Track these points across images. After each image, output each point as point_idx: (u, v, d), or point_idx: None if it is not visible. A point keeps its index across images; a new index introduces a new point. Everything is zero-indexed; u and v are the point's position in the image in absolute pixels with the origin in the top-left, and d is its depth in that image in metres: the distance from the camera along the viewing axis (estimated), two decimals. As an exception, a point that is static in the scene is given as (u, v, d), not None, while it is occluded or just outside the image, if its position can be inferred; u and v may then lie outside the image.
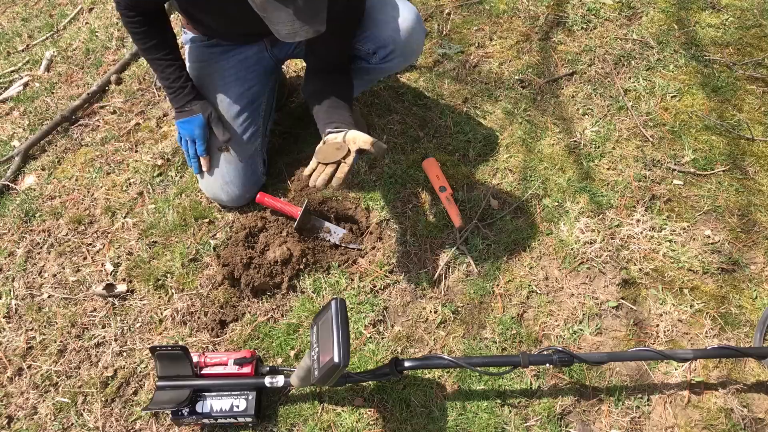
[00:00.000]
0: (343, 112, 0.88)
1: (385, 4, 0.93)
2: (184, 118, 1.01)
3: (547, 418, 0.82)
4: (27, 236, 1.11)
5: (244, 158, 1.04)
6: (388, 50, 0.93)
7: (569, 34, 1.37)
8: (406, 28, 0.92)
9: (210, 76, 1.03)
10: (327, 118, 0.87)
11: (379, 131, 1.18)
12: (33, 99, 1.38)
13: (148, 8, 0.92)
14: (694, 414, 0.82)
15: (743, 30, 1.34)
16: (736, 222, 1.02)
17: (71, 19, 1.59)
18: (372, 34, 0.92)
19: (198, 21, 0.98)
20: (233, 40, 1.02)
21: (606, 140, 1.15)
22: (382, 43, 0.92)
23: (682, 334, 0.89)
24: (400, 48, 0.93)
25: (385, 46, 0.93)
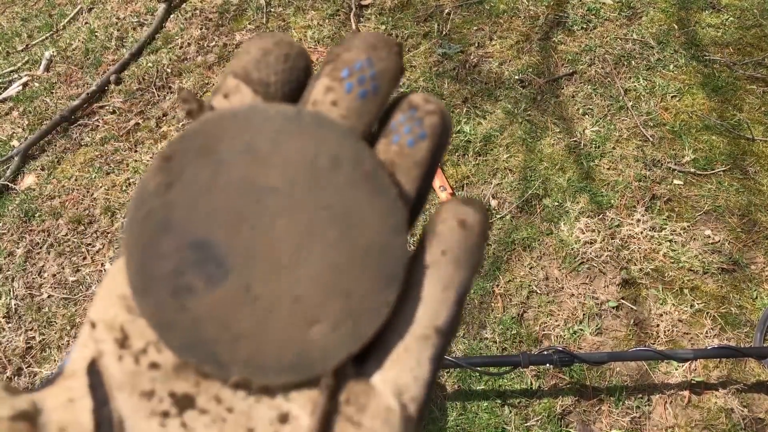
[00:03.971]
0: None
1: None
2: None
3: (548, 418, 0.82)
4: (26, 236, 1.11)
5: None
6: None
7: (569, 34, 1.37)
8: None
9: None
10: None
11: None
12: (32, 99, 1.38)
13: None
14: (694, 414, 0.82)
15: (743, 30, 1.34)
16: (736, 222, 1.01)
17: (71, 19, 1.59)
18: None
19: None
20: None
21: (606, 140, 1.15)
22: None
23: (683, 334, 0.89)
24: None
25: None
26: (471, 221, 0.18)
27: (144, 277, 0.17)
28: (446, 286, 0.18)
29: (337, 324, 0.17)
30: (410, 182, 0.19)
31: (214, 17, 1.43)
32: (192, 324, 0.17)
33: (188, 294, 0.17)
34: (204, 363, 0.17)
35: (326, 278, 0.18)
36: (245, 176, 0.17)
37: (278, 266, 0.17)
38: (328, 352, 0.17)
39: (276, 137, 0.18)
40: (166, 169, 0.17)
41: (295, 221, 0.17)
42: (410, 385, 0.18)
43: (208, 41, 1.39)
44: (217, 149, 0.18)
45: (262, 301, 0.17)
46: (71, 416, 0.16)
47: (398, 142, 0.19)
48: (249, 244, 0.17)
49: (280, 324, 0.17)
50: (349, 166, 0.18)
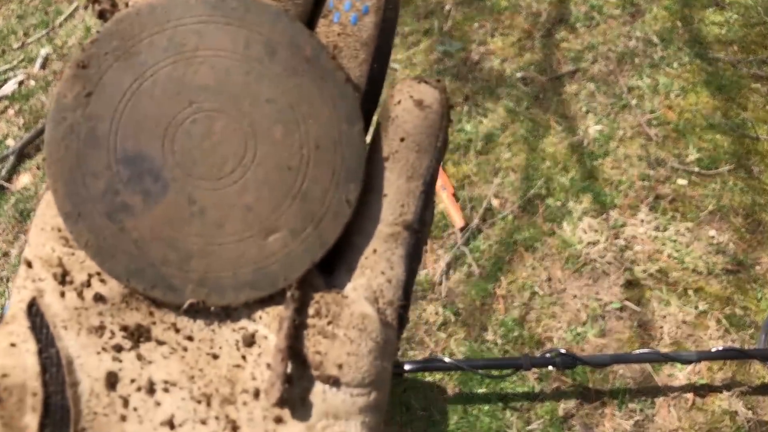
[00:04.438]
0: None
1: None
2: None
3: (550, 422, 0.81)
4: (22, 236, 1.09)
5: None
6: None
7: (572, 31, 1.35)
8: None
9: None
10: None
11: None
12: (28, 97, 1.36)
13: None
14: (698, 417, 0.81)
15: (747, 27, 1.33)
16: (740, 222, 1.00)
17: (67, 17, 1.58)
18: None
19: None
20: None
21: (609, 139, 1.14)
22: None
23: (687, 336, 0.88)
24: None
25: None
26: (429, 100, 0.16)
27: (74, 201, 0.15)
28: (410, 176, 0.16)
29: (296, 230, 0.16)
30: (359, 66, 0.16)
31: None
32: (134, 247, 0.15)
33: (126, 214, 0.15)
34: (153, 289, 0.15)
35: (277, 181, 0.15)
36: (172, 76, 0.15)
37: (222, 173, 0.15)
38: (289, 263, 0.15)
39: (201, 29, 0.16)
40: (83, 77, 0.15)
41: (234, 121, 0.15)
42: (385, 289, 0.16)
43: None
44: (137, 50, 0.15)
45: (210, 213, 0.15)
46: (14, 361, 0.15)
47: (339, 21, 0.16)
48: (186, 152, 0.15)
49: (233, 237, 0.15)
50: (286, 52, 0.16)
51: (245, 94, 0.15)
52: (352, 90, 0.16)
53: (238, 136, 0.15)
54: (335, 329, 0.15)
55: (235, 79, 0.15)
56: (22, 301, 0.16)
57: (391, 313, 0.16)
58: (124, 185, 0.15)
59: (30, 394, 0.14)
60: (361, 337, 0.16)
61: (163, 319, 0.16)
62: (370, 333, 0.16)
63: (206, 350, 0.15)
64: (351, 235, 0.16)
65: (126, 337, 0.15)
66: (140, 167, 0.15)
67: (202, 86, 0.15)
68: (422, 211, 0.16)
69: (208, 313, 0.15)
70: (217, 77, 0.15)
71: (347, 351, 0.15)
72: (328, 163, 0.16)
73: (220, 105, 0.15)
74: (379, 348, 0.16)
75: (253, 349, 0.15)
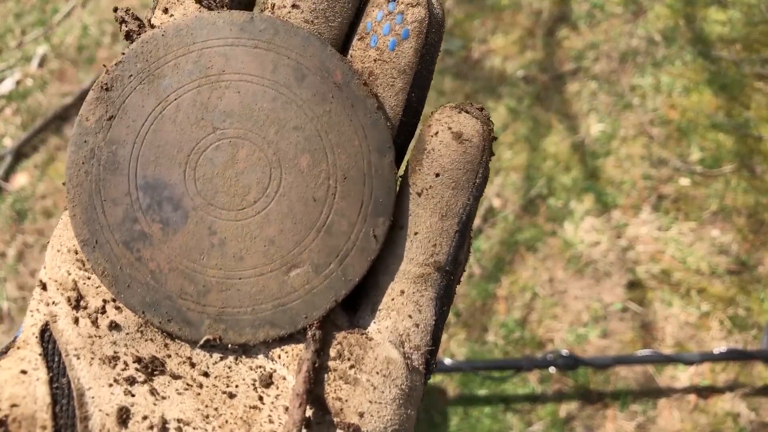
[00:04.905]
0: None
1: None
2: None
3: (551, 423, 0.80)
4: (19, 236, 1.09)
5: None
6: None
7: (574, 30, 1.34)
8: None
9: None
10: None
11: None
12: (25, 96, 1.35)
13: None
14: (700, 418, 0.80)
15: (750, 26, 1.32)
16: (744, 222, 1.00)
17: (64, 15, 1.57)
18: None
19: None
20: None
21: (612, 138, 1.13)
22: None
23: (689, 337, 0.88)
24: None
25: None
26: (469, 132, 0.15)
27: (92, 228, 0.15)
28: (445, 215, 0.15)
29: (320, 266, 0.15)
30: (395, 95, 0.15)
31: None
32: (151, 278, 0.15)
33: (143, 243, 0.15)
34: (169, 323, 0.15)
35: (301, 213, 0.15)
36: (196, 101, 0.15)
37: (245, 203, 0.15)
38: (311, 301, 0.15)
39: (227, 51, 0.15)
40: (106, 100, 0.15)
41: (258, 149, 0.15)
42: (412, 334, 0.15)
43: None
44: (161, 72, 0.15)
45: (230, 245, 0.15)
46: (24, 390, 0.14)
47: (376, 46, 0.15)
48: (208, 180, 0.15)
49: (253, 271, 0.15)
50: (315, 77, 0.15)
51: (271, 121, 0.15)
52: (384, 119, 0.15)
53: (263, 164, 0.15)
54: (358, 374, 0.15)
55: (261, 105, 0.15)
56: (34, 325, 0.15)
57: (418, 358, 0.15)
58: (143, 213, 0.15)
59: (39, 427, 0.14)
60: (385, 384, 0.15)
61: (179, 352, 0.15)
62: (395, 379, 0.15)
63: (222, 388, 0.15)
64: (377, 272, 0.15)
65: (139, 370, 0.15)
66: (160, 195, 0.15)
67: (226, 112, 0.15)
68: (456, 251, 0.15)
69: (224, 349, 0.15)
70: (243, 103, 0.15)
71: (370, 398, 0.15)
72: (356, 195, 0.15)
73: (245, 132, 0.15)
74: (404, 395, 0.15)
75: (271, 390, 0.15)
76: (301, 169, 0.15)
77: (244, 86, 0.15)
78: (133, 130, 0.15)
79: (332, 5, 0.15)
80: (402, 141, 0.16)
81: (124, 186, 0.15)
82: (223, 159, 0.15)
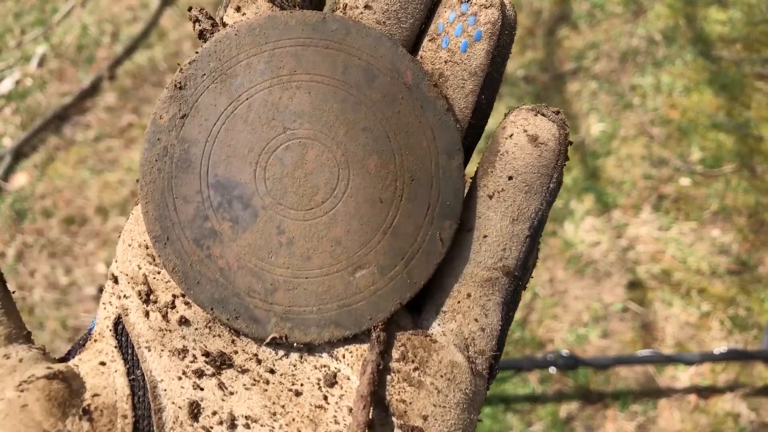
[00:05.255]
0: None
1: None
2: None
3: (552, 424, 0.80)
4: (18, 236, 1.09)
5: None
6: None
7: (574, 29, 1.34)
8: None
9: None
10: None
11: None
12: (25, 96, 1.35)
13: None
14: (701, 419, 0.80)
15: (751, 26, 1.32)
16: (744, 222, 1.00)
17: (64, 15, 1.56)
18: None
19: None
20: None
21: (612, 138, 1.13)
22: None
23: (690, 337, 0.88)
24: None
25: None
26: (545, 135, 0.15)
27: (164, 225, 0.15)
28: (516, 219, 0.15)
29: (385, 268, 0.15)
30: (465, 97, 0.15)
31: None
32: (220, 275, 0.15)
33: (213, 241, 0.15)
34: (237, 320, 0.15)
35: (368, 214, 0.15)
36: (267, 101, 0.15)
37: (313, 204, 0.15)
38: (376, 302, 0.15)
39: (299, 51, 0.15)
40: (179, 98, 0.15)
41: (327, 150, 0.15)
42: (477, 338, 0.15)
43: (204, 36, 1.36)
44: (234, 72, 0.15)
45: (298, 244, 0.15)
46: (104, 381, 0.15)
47: (448, 47, 0.15)
48: (278, 180, 0.15)
49: (319, 271, 0.15)
50: (385, 78, 0.15)
51: (341, 122, 0.15)
52: (453, 120, 0.15)
53: (331, 165, 0.15)
54: (422, 376, 0.15)
55: (331, 106, 0.15)
56: (108, 318, 0.16)
57: (482, 362, 0.15)
58: (214, 211, 0.15)
59: (120, 416, 0.14)
60: (449, 388, 0.15)
61: (245, 349, 0.15)
62: (459, 383, 0.15)
63: (288, 386, 0.15)
64: (443, 275, 0.15)
65: (208, 363, 0.15)
66: (231, 193, 0.15)
67: (297, 112, 0.15)
68: (526, 256, 0.15)
69: (290, 347, 0.15)
70: (313, 103, 0.15)
71: (434, 402, 0.14)
72: (423, 197, 0.15)
73: (315, 132, 0.15)
74: (468, 400, 0.15)
75: (335, 390, 0.15)
76: (369, 170, 0.15)
77: (314, 87, 0.15)
78: (205, 129, 0.15)
79: (404, 6, 0.15)
80: (470, 143, 0.16)
81: (195, 184, 0.15)
82: (293, 159, 0.15)
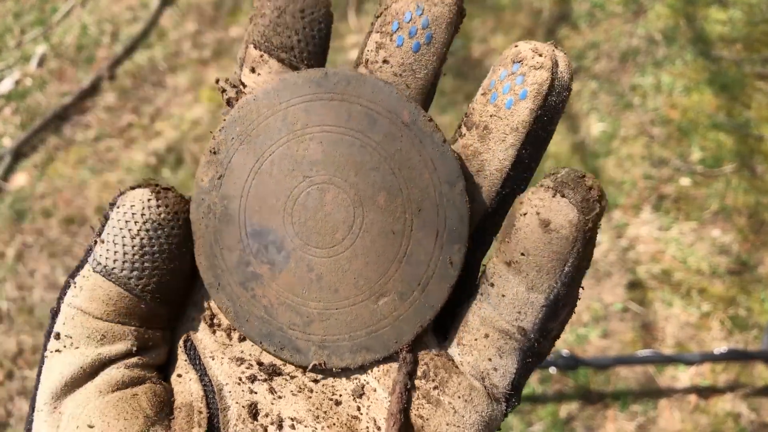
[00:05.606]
0: None
1: None
2: None
3: (552, 424, 0.80)
4: (18, 236, 1.08)
5: None
6: None
7: (574, 29, 1.34)
8: None
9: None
10: None
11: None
12: (24, 96, 1.35)
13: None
14: (701, 419, 0.80)
15: (751, 26, 1.31)
16: (744, 222, 0.99)
17: (64, 15, 1.56)
18: None
19: None
20: None
21: (612, 138, 1.13)
22: None
23: (690, 337, 0.88)
24: None
25: None
26: (559, 222, 0.15)
27: (215, 273, 0.17)
28: (531, 288, 0.15)
29: (404, 294, 0.17)
30: (504, 150, 0.16)
31: (209, 11, 1.40)
32: (265, 312, 0.17)
33: (256, 283, 0.17)
34: (282, 350, 0.17)
35: (383, 246, 0.17)
36: (286, 154, 0.17)
37: (335, 241, 0.17)
38: (399, 326, 0.17)
39: (308, 107, 0.17)
40: (215, 162, 0.17)
41: (342, 191, 0.17)
42: (491, 375, 0.16)
43: (203, 36, 1.36)
44: (256, 133, 0.17)
45: (326, 279, 0.17)
46: (183, 387, 0.17)
47: (495, 102, 0.16)
48: (303, 223, 0.17)
49: (347, 301, 0.17)
50: (385, 119, 0.17)
51: (350, 165, 0.17)
52: (450, 151, 0.16)
53: (347, 204, 0.17)
54: (441, 395, 0.16)
55: (341, 151, 0.17)
56: (182, 334, 0.18)
57: (499, 393, 0.16)
58: (254, 256, 0.17)
59: (197, 412, 0.16)
60: (465, 409, 0.15)
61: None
62: (476, 406, 0.16)
63: (329, 395, 0.17)
64: (469, 310, 0.16)
65: (261, 371, 0.17)
66: (266, 239, 0.17)
67: (312, 161, 0.17)
68: (543, 323, 0.15)
69: (330, 372, 0.17)
70: (325, 151, 0.17)
71: (448, 421, 0.15)
72: (431, 225, 0.16)
73: (329, 177, 0.17)
74: (483, 422, 0.16)
75: (364, 401, 0.16)
76: (380, 205, 0.17)
77: (325, 136, 0.17)
78: (239, 186, 0.17)
79: (418, 59, 0.17)
80: (508, 192, 0.17)
81: (236, 234, 0.17)
82: (314, 203, 0.17)
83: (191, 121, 1.23)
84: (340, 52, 1.31)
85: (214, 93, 1.27)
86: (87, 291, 0.17)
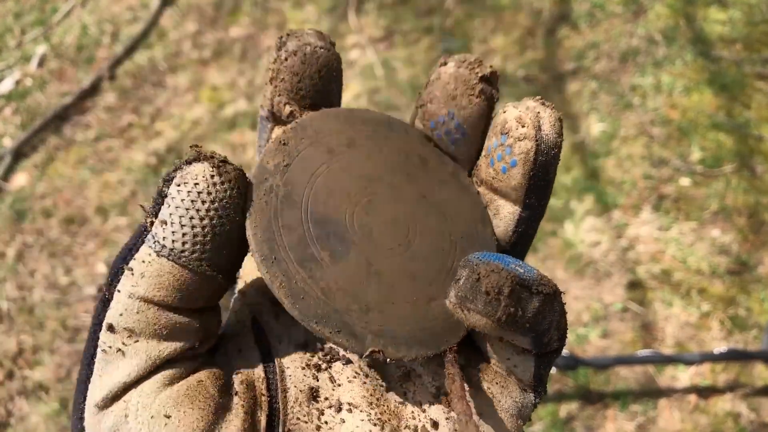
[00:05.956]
0: None
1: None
2: None
3: (552, 423, 0.80)
4: (18, 236, 1.08)
5: None
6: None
7: (574, 29, 1.34)
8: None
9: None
10: None
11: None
12: (24, 96, 1.35)
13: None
14: (701, 419, 0.80)
15: (751, 26, 1.32)
16: (744, 222, 1.00)
17: (64, 15, 1.56)
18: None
19: None
20: None
21: (612, 138, 1.13)
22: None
23: (690, 337, 0.88)
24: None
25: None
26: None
27: (271, 246, 0.17)
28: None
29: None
30: (513, 201, 0.20)
31: (209, 12, 1.40)
32: (321, 293, 0.17)
33: (315, 265, 0.18)
34: (338, 334, 0.17)
35: (434, 257, 0.19)
36: (352, 165, 0.19)
37: (392, 245, 0.19)
38: (449, 327, 0.18)
39: (373, 136, 0.20)
40: (283, 150, 0.19)
41: (401, 206, 0.19)
42: (514, 370, 0.19)
43: (203, 36, 1.36)
44: (325, 140, 0.19)
45: (384, 276, 0.18)
46: (246, 365, 0.18)
47: (494, 167, 0.19)
48: (365, 224, 0.19)
49: (404, 298, 0.18)
50: (435, 165, 0.21)
51: (407, 189, 0.20)
52: (481, 200, 0.20)
53: (404, 218, 0.19)
54: (481, 381, 0.18)
55: (399, 177, 0.20)
56: (245, 317, 0.19)
57: (524, 385, 0.19)
58: (314, 241, 0.18)
59: (259, 394, 0.17)
60: (502, 394, 0.18)
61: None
62: (510, 392, 0.18)
63: (380, 382, 0.18)
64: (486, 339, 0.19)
65: (321, 358, 0.18)
66: (328, 229, 0.18)
67: (375, 176, 0.19)
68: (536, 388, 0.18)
69: (384, 361, 0.17)
70: (386, 172, 0.20)
71: (488, 403, 0.18)
72: (471, 250, 0.19)
73: (389, 193, 0.20)
74: (517, 407, 0.18)
75: (409, 386, 0.18)
76: (431, 226, 0.20)
77: (386, 161, 0.20)
78: (305, 176, 0.19)
79: (458, 148, 0.21)
80: (525, 228, 0.21)
81: (298, 216, 0.18)
82: (375, 210, 0.19)
83: (191, 121, 1.23)
84: (340, 52, 1.30)
85: (214, 93, 1.27)
86: (152, 278, 0.16)
